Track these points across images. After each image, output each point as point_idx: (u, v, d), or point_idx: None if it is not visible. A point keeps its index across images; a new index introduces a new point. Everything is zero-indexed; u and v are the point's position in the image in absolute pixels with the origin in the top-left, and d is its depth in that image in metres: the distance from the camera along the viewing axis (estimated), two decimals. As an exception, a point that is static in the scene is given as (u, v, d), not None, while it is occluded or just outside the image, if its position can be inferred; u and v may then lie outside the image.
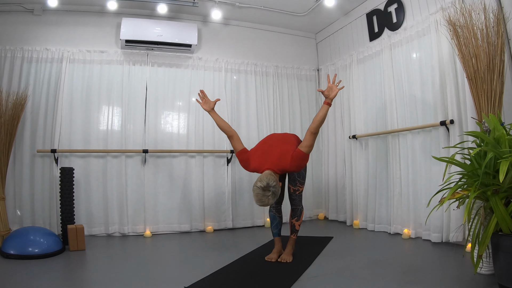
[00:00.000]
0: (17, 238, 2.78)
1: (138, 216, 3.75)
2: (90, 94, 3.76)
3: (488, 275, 2.06)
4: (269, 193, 2.21)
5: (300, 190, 2.66)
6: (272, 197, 2.22)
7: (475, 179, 1.94)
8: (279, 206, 2.75)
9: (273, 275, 2.25)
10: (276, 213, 2.73)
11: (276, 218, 2.71)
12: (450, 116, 2.86)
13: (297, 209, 2.66)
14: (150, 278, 2.24)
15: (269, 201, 2.23)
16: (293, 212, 2.68)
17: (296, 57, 4.73)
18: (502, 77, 2.30)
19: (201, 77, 4.16)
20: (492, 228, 1.80)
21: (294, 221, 2.65)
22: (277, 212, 2.73)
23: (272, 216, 2.72)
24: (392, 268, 2.31)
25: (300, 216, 2.66)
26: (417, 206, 3.18)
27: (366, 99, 3.91)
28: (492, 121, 2.02)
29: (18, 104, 3.27)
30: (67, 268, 2.53)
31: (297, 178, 2.64)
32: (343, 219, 4.22)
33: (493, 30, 2.31)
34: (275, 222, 2.71)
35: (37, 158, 3.55)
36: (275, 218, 2.71)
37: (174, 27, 3.97)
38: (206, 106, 2.71)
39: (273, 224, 2.72)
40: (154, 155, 3.89)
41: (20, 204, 3.45)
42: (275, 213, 2.72)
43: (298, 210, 2.66)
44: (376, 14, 3.78)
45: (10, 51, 3.57)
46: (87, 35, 3.85)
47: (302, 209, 2.68)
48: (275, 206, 2.73)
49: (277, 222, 2.71)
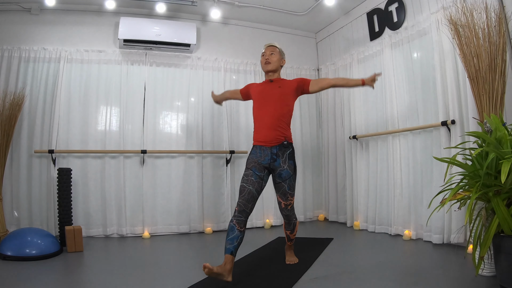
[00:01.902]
0: (15, 239, 2.76)
1: (136, 217, 3.73)
2: (88, 94, 3.74)
3: (489, 277, 2.05)
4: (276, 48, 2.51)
5: (292, 204, 2.44)
6: (276, 54, 2.48)
7: (476, 180, 1.93)
8: (242, 217, 2.15)
9: (272, 277, 2.24)
10: (237, 225, 2.12)
11: (234, 230, 2.11)
12: (451, 116, 2.84)
13: (290, 222, 2.50)
14: (148, 280, 2.22)
15: (273, 57, 2.47)
16: (286, 225, 2.53)
17: (296, 56, 4.71)
18: (504, 77, 2.29)
19: (200, 77, 4.14)
20: (494, 229, 1.79)
21: (289, 233, 2.54)
22: (238, 225, 2.12)
23: (231, 227, 2.13)
24: (393, 269, 2.30)
25: (294, 229, 2.53)
26: (418, 207, 3.16)
27: (366, 99, 3.89)
28: (494, 121, 2.01)
29: (15, 104, 3.26)
30: (64, 270, 2.51)
31: (287, 191, 2.36)
32: (344, 220, 4.20)
33: (494, 29, 2.30)
34: (232, 235, 2.10)
35: (34, 158, 3.53)
36: (233, 230, 2.11)
37: (172, 26, 3.95)
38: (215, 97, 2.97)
39: (228, 236, 2.12)
40: (153, 155, 3.86)
41: (17, 205, 3.43)
42: (235, 225, 2.12)
43: (292, 223, 2.50)
44: (376, 13, 3.76)
45: (7, 51, 3.55)
46: (85, 35, 3.83)
47: (296, 221, 2.52)
48: (238, 216, 2.15)
49: (235, 236, 2.10)
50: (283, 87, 2.44)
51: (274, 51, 2.49)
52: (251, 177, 2.28)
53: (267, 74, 2.52)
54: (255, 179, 2.27)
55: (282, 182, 2.34)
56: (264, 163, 2.32)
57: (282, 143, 2.34)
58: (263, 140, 2.36)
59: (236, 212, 2.17)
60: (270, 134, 2.34)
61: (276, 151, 2.33)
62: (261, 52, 2.54)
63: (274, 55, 2.48)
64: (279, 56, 2.51)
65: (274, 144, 2.34)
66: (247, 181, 2.26)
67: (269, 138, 2.34)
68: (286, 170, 2.33)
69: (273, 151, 2.33)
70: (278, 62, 2.49)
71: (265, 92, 2.46)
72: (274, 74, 2.49)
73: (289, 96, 2.44)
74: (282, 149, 2.34)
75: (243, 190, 2.24)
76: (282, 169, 2.33)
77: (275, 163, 2.33)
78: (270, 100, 2.40)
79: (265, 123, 2.37)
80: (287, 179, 2.34)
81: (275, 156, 2.33)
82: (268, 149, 2.34)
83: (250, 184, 2.25)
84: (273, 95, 2.41)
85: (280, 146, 2.34)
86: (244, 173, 2.32)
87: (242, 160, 4.18)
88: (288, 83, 2.48)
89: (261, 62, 2.51)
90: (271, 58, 2.47)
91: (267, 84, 2.49)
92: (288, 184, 2.35)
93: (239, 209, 2.18)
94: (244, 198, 2.21)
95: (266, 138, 2.35)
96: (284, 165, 2.33)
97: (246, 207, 2.19)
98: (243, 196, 2.22)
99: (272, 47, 2.52)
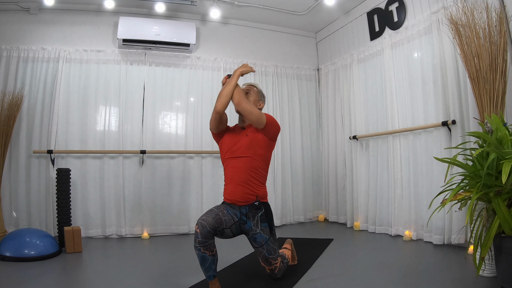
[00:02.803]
0: (13, 240, 2.76)
1: (135, 217, 3.72)
2: (87, 94, 3.73)
3: (490, 278, 2.05)
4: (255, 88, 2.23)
5: (279, 266, 2.07)
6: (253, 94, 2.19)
7: (477, 180, 1.93)
8: (209, 240, 1.83)
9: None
10: (207, 252, 1.82)
11: (206, 258, 1.83)
12: (452, 117, 2.83)
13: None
14: (147, 281, 2.21)
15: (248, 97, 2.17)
16: None
17: (296, 56, 4.70)
18: (505, 77, 2.28)
19: (200, 77, 4.13)
20: (495, 230, 1.79)
21: None
22: (207, 250, 1.82)
23: (201, 256, 1.82)
24: (393, 270, 2.29)
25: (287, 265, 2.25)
26: (419, 208, 3.15)
27: (366, 99, 3.88)
28: (495, 122, 2.01)
29: (14, 104, 3.25)
30: (63, 271, 2.51)
31: (268, 256, 2.02)
32: (344, 220, 4.19)
33: (495, 29, 2.29)
34: (206, 264, 1.83)
35: (33, 159, 3.51)
36: (205, 258, 1.83)
37: (172, 26, 3.94)
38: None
39: (203, 266, 1.85)
40: (152, 155, 3.85)
41: (16, 206, 3.42)
42: (205, 252, 1.82)
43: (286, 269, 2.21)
44: (377, 13, 3.75)
45: (6, 51, 3.53)
46: (84, 34, 3.82)
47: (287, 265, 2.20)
48: (203, 241, 1.80)
49: (209, 263, 1.84)
50: (250, 134, 2.09)
51: (251, 90, 2.20)
52: (223, 209, 2.00)
53: (239, 117, 2.19)
54: (227, 213, 1.99)
55: (259, 247, 2.03)
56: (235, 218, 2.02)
57: (252, 203, 2.02)
58: (229, 198, 2.05)
59: (200, 237, 1.79)
60: (237, 191, 2.01)
61: (245, 211, 2.02)
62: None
63: (250, 95, 2.18)
64: (256, 97, 2.20)
65: (242, 204, 2.02)
66: (218, 208, 2.00)
67: (236, 197, 2.02)
68: (260, 234, 2.00)
69: (242, 211, 2.02)
70: (254, 103, 2.16)
71: (234, 139, 2.11)
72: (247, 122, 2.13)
73: (258, 143, 2.05)
74: (253, 211, 2.02)
75: (210, 211, 1.94)
76: (255, 233, 2.01)
77: (245, 226, 2.03)
78: (239, 149, 2.07)
79: (232, 177, 2.05)
80: (263, 244, 2.01)
81: (245, 217, 2.01)
82: (236, 208, 2.03)
83: (220, 211, 1.96)
84: (242, 143, 2.07)
85: (250, 206, 2.02)
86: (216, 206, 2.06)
87: (242, 160, 4.17)
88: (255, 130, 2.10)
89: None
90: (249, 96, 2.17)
91: (238, 131, 2.17)
92: (267, 250, 2.02)
93: (202, 231, 1.80)
94: (209, 215, 1.88)
95: (233, 196, 2.02)
96: (256, 228, 2.01)
97: (211, 226, 1.83)
98: (209, 214, 1.90)
99: (250, 86, 2.24)
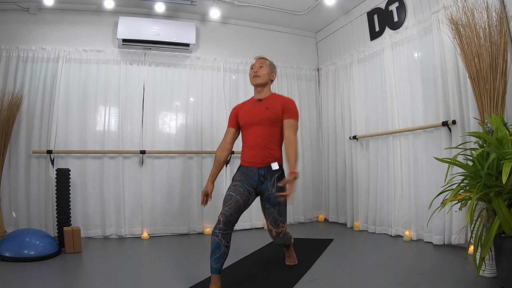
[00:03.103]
0: (13, 240, 2.75)
1: (135, 218, 3.71)
2: (87, 94, 3.72)
3: (490, 278, 2.05)
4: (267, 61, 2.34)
5: (284, 231, 2.26)
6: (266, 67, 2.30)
7: (477, 180, 1.93)
8: (228, 230, 1.95)
9: (272, 278, 2.22)
10: (222, 240, 1.92)
11: (220, 247, 1.91)
12: (452, 117, 2.83)
13: (286, 244, 2.43)
14: (147, 281, 2.21)
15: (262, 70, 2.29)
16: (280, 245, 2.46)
17: (296, 56, 4.70)
18: (505, 77, 2.28)
19: (199, 77, 4.13)
20: (495, 230, 1.79)
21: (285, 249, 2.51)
22: (223, 239, 1.92)
23: (217, 243, 1.91)
24: (393, 271, 2.29)
25: (290, 246, 2.49)
26: (419, 208, 3.14)
27: (366, 99, 3.88)
28: (495, 122, 2.00)
29: (14, 104, 3.25)
30: (63, 271, 2.50)
31: (278, 218, 2.17)
32: (344, 221, 4.18)
33: (495, 29, 2.29)
34: (219, 253, 1.91)
35: (32, 159, 3.51)
36: (220, 247, 1.91)
37: (172, 26, 3.93)
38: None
39: (214, 255, 1.91)
40: (152, 156, 3.85)
41: (15, 206, 3.42)
42: (221, 240, 1.92)
43: (288, 244, 2.45)
44: (377, 12, 3.75)
45: (6, 51, 3.53)
46: (84, 34, 3.82)
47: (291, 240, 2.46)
48: (223, 228, 1.93)
49: (221, 253, 1.91)
50: (271, 108, 2.23)
51: (264, 64, 2.32)
52: (239, 188, 2.11)
53: (255, 89, 2.34)
54: (244, 191, 2.10)
55: (271, 207, 2.15)
56: (252, 183, 2.15)
57: (270, 165, 2.16)
58: (249, 160, 2.19)
59: (221, 224, 1.93)
60: (257, 154, 2.16)
61: (263, 173, 2.15)
62: (251, 64, 2.37)
63: (263, 68, 2.30)
64: (269, 69, 2.32)
65: (261, 166, 2.15)
66: (235, 191, 2.09)
67: (256, 159, 2.16)
68: (275, 194, 2.12)
69: (260, 172, 2.15)
70: (268, 76, 2.30)
71: (253, 111, 2.26)
72: (263, 89, 2.30)
73: (278, 118, 2.22)
74: (270, 172, 2.15)
75: (229, 199, 2.05)
76: (270, 193, 2.14)
77: (262, 186, 2.15)
78: (258, 119, 2.22)
79: (252, 143, 2.20)
80: (276, 205, 2.14)
81: (263, 179, 2.14)
82: (255, 170, 2.15)
83: (238, 194, 2.07)
84: (262, 115, 2.22)
85: (268, 168, 2.15)
86: (232, 184, 2.16)
87: (242, 161, 4.17)
88: (275, 106, 2.24)
89: (250, 75, 2.33)
90: (260, 71, 2.28)
91: (256, 104, 2.30)
92: (278, 210, 2.15)
93: (225, 219, 1.95)
94: (230, 206, 2.00)
95: (252, 158, 2.17)
96: (272, 189, 2.13)
97: (232, 217, 1.98)
98: (230, 205, 2.01)
99: (262, 60, 2.35)
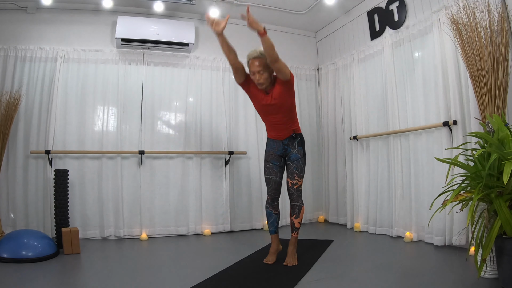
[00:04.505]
0: (10, 241, 2.74)
1: (134, 218, 3.70)
2: (85, 94, 3.70)
3: (492, 279, 2.04)
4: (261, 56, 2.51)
5: (299, 184, 2.63)
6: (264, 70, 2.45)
7: (478, 181, 1.93)
8: (275, 202, 2.71)
9: (272, 279, 2.21)
10: (272, 210, 2.70)
11: (272, 215, 2.69)
12: (453, 117, 2.81)
13: (295, 205, 2.62)
14: (146, 282, 2.20)
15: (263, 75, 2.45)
16: (292, 209, 2.65)
17: (296, 56, 4.68)
18: (506, 77, 2.27)
19: (199, 77, 4.11)
20: (496, 231, 1.78)
21: (294, 218, 2.62)
22: (273, 209, 2.70)
23: (268, 213, 2.71)
24: (393, 272, 2.29)
25: (300, 213, 2.62)
26: (419, 209, 3.13)
27: (367, 99, 3.86)
28: (496, 122, 2.00)
29: (11, 105, 3.24)
30: (61, 272, 2.49)
31: (295, 171, 2.61)
32: (344, 222, 4.17)
33: (497, 28, 2.28)
34: (271, 219, 2.70)
35: (30, 159, 3.49)
36: (271, 215, 2.69)
37: (171, 25, 3.92)
38: (217, 27, 2.54)
39: (269, 221, 2.71)
40: (151, 156, 3.83)
41: (13, 207, 3.40)
42: (271, 210, 2.70)
43: (297, 207, 2.61)
44: (377, 12, 3.73)
45: (3, 50, 3.51)
46: (82, 34, 3.80)
47: (301, 205, 2.63)
48: (271, 202, 2.70)
49: (274, 219, 2.69)
50: (277, 98, 2.52)
51: (261, 66, 2.46)
52: (272, 169, 2.68)
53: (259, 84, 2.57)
54: (276, 169, 2.68)
55: (291, 163, 2.65)
56: (278, 153, 2.69)
57: (290, 136, 2.65)
58: (274, 136, 2.70)
59: (269, 200, 2.70)
60: (280, 132, 2.66)
61: (286, 142, 2.67)
62: (247, 63, 2.54)
63: (263, 72, 2.47)
64: (268, 70, 2.49)
65: (285, 138, 2.66)
66: (270, 173, 2.69)
67: (280, 135, 2.67)
68: (295, 153, 2.65)
69: (284, 142, 2.67)
70: (269, 76, 2.51)
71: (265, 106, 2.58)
72: (269, 85, 2.54)
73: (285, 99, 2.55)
74: (292, 140, 2.66)
75: (269, 182, 2.69)
76: (291, 153, 2.66)
77: (286, 151, 2.68)
78: (272, 110, 2.58)
79: (274, 126, 2.66)
80: (295, 161, 2.63)
81: (286, 146, 2.67)
82: (279, 141, 2.68)
83: (273, 175, 2.68)
84: (274, 109, 2.57)
85: (289, 138, 2.66)
86: (265, 166, 2.72)
87: (241, 161, 4.15)
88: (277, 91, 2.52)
89: (252, 78, 2.53)
90: (262, 78, 2.47)
91: (264, 96, 2.57)
92: (296, 165, 2.62)
93: (271, 197, 2.69)
94: (272, 188, 2.68)
95: (277, 135, 2.68)
96: (293, 150, 2.66)
97: (276, 194, 2.70)
98: (271, 187, 2.68)
99: (258, 61, 2.48)
